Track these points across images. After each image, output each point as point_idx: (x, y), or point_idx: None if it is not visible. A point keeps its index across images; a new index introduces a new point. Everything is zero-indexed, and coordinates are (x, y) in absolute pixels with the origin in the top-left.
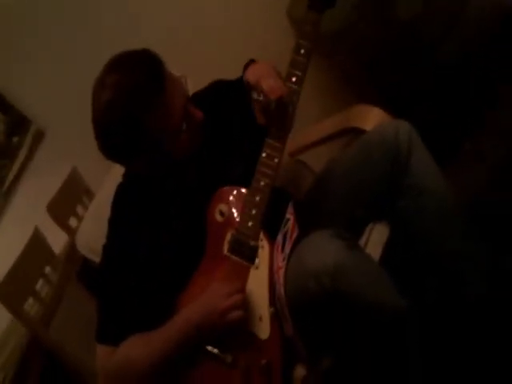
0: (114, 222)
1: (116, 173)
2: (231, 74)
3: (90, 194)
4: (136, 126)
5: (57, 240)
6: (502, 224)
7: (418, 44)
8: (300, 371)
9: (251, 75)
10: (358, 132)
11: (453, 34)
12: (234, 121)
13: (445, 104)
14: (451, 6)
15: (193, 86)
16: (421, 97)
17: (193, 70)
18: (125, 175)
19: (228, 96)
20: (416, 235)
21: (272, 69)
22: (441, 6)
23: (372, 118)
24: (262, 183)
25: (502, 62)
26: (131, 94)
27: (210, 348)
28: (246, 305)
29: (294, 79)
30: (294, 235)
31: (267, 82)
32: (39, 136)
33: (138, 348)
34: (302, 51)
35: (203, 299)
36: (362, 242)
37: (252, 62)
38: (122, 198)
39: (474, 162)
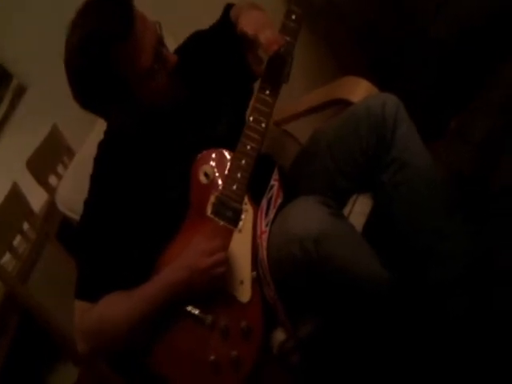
0: (96, 178)
1: (98, 133)
2: None
3: (70, 153)
4: (103, 68)
5: (36, 198)
6: (484, 204)
7: (411, 18)
8: (279, 335)
9: (247, 27)
10: (344, 103)
11: (447, 10)
12: (218, 72)
13: (433, 80)
14: None
15: (174, 41)
16: (410, 72)
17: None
18: (106, 132)
19: (211, 47)
20: (398, 209)
21: (267, 18)
22: None
23: (359, 90)
24: (249, 147)
25: (494, 41)
26: (97, 36)
27: (190, 308)
28: (227, 265)
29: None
30: (279, 201)
31: (265, 34)
32: (20, 91)
33: (117, 305)
34: (294, 17)
35: (184, 257)
36: (345, 212)
37: (230, 6)
38: (105, 154)
39: (459, 141)
